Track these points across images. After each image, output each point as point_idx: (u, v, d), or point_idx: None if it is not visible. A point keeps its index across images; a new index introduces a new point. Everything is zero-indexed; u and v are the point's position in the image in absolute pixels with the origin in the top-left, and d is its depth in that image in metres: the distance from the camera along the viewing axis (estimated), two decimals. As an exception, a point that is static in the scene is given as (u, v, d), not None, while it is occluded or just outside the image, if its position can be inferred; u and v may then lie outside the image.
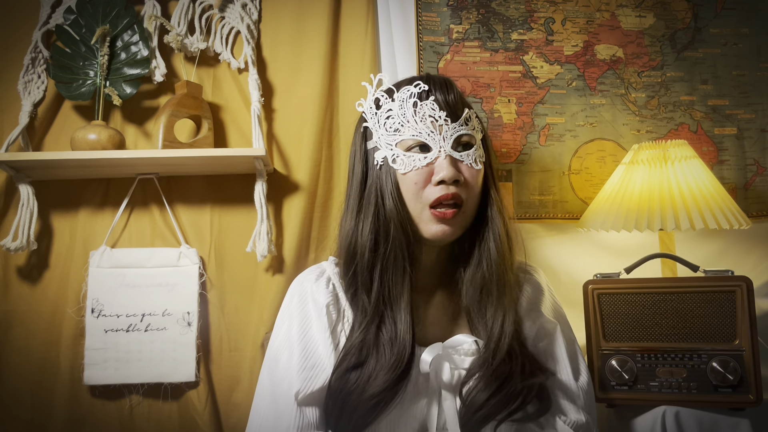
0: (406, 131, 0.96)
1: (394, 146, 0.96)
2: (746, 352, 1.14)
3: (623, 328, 1.20)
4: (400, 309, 0.93)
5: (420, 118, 0.96)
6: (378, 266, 0.95)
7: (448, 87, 0.99)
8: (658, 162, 1.31)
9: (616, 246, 1.46)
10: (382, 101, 0.99)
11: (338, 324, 0.97)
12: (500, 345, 0.92)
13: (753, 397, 1.12)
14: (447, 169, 0.93)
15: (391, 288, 0.94)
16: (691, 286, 1.18)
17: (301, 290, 1.02)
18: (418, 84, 0.97)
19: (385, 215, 0.95)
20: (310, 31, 1.47)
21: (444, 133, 0.96)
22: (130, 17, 1.40)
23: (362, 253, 0.96)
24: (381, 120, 0.99)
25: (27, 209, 1.33)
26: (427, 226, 0.95)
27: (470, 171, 0.96)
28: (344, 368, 0.91)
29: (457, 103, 0.98)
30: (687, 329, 1.17)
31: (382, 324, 0.93)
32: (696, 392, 1.15)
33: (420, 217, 0.95)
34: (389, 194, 0.96)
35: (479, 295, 0.97)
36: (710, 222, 1.24)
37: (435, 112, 0.96)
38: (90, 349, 1.32)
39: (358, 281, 0.96)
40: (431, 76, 1.01)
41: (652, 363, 1.18)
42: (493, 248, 0.97)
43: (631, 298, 1.20)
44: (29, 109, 1.37)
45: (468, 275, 0.99)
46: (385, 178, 0.97)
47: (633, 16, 1.55)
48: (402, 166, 0.95)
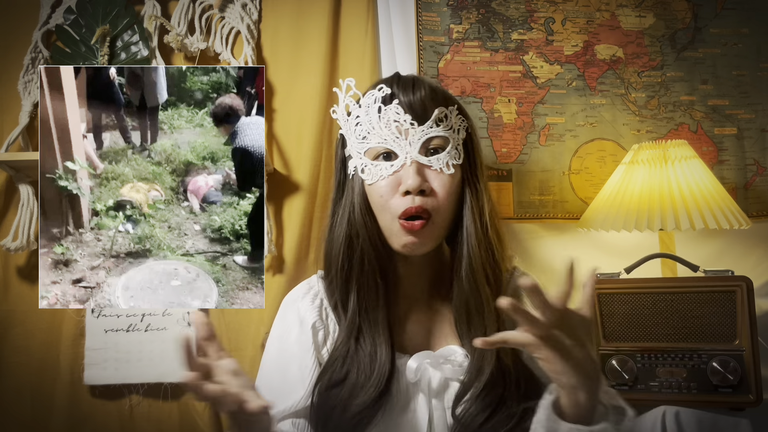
0: (372, 138, 0.92)
1: (362, 155, 0.93)
2: (746, 352, 1.14)
3: (623, 328, 1.20)
4: (377, 323, 0.91)
5: (385, 123, 0.91)
6: (353, 279, 0.93)
7: (413, 87, 0.93)
8: (658, 162, 1.31)
9: (616, 246, 1.46)
10: (352, 107, 0.96)
11: (326, 341, 0.96)
12: (484, 363, 0.88)
13: (753, 397, 1.12)
14: (412, 178, 0.88)
15: (366, 302, 0.92)
16: (691, 286, 1.18)
17: (286, 310, 1.01)
18: (381, 87, 0.92)
19: (356, 227, 0.92)
20: (310, 31, 1.47)
21: (410, 138, 0.91)
22: (130, 17, 1.40)
23: (336, 266, 0.93)
24: (351, 127, 0.95)
25: (27, 209, 1.33)
26: (398, 238, 0.91)
27: (440, 177, 0.91)
28: (326, 383, 0.90)
29: (425, 104, 0.92)
30: (687, 329, 1.17)
31: (361, 338, 0.91)
32: (696, 392, 1.15)
33: (390, 229, 0.91)
34: (358, 206, 0.93)
35: (464, 306, 0.93)
36: (710, 222, 1.24)
37: (399, 115, 0.91)
38: (90, 349, 1.32)
39: (336, 294, 0.95)
40: (398, 78, 0.96)
41: (652, 363, 1.18)
42: (467, 257, 0.92)
43: (631, 298, 1.20)
44: (29, 109, 1.37)
45: (455, 285, 0.94)
46: (356, 189, 0.94)
47: (633, 16, 1.55)
48: (369, 176, 0.92)
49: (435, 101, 0.93)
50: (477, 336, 0.84)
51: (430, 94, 0.93)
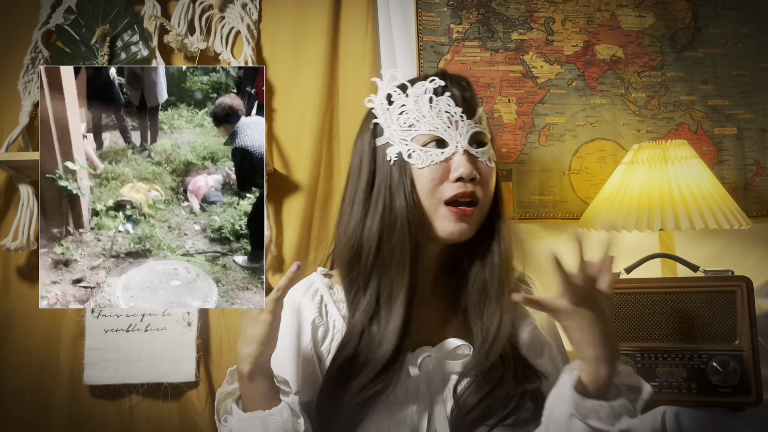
0: (421, 126, 0.94)
1: (409, 141, 0.95)
2: (746, 352, 1.14)
3: (623, 328, 1.20)
4: (397, 309, 0.92)
5: (436, 113, 0.94)
6: (379, 265, 0.94)
7: (464, 84, 0.98)
8: (658, 162, 1.31)
9: (615, 246, 1.45)
10: (395, 96, 0.98)
11: (326, 338, 0.96)
12: (494, 346, 0.91)
13: (753, 397, 1.12)
14: (465, 166, 0.91)
15: (391, 287, 0.93)
16: (691, 286, 1.18)
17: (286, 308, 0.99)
18: (434, 80, 0.96)
19: (393, 213, 0.93)
20: (310, 31, 1.47)
21: (460, 129, 0.94)
22: (130, 17, 1.40)
23: (367, 251, 0.94)
24: (394, 116, 0.97)
25: (27, 209, 1.33)
26: (444, 223, 0.93)
27: (486, 169, 0.95)
28: (338, 366, 0.90)
29: (473, 101, 0.97)
30: (687, 329, 1.17)
31: (375, 322, 0.92)
32: (696, 392, 1.15)
33: (435, 214, 0.93)
34: (403, 190, 0.93)
35: (479, 296, 0.96)
36: (710, 222, 1.24)
37: (451, 107, 0.94)
38: (90, 349, 1.33)
39: (360, 280, 0.95)
40: (447, 73, 1.00)
41: (652, 363, 1.18)
42: (499, 250, 0.96)
43: (631, 298, 1.20)
44: (29, 109, 1.37)
45: (471, 276, 0.97)
46: (399, 174, 0.94)
47: (633, 16, 1.55)
48: (419, 161, 0.93)
49: (477, 102, 0.99)
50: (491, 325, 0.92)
51: (475, 95, 0.99)
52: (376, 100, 1.00)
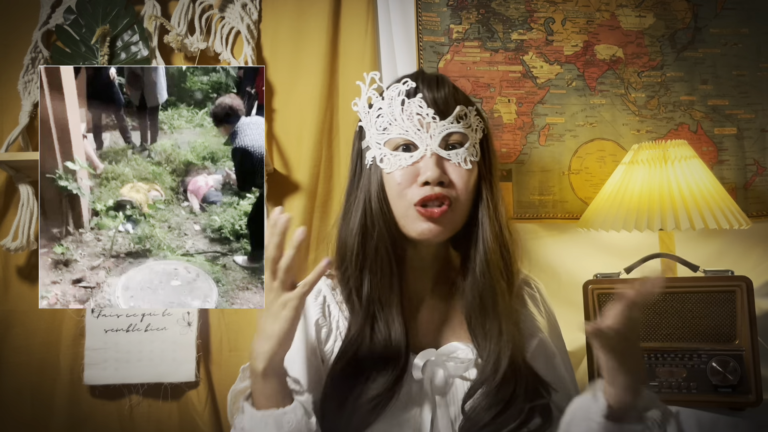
0: (393, 129, 0.94)
1: (382, 145, 0.95)
2: (746, 352, 1.14)
3: (623, 328, 1.20)
4: (391, 312, 0.92)
5: (407, 116, 0.93)
6: (367, 267, 0.94)
7: (438, 84, 0.96)
8: (658, 162, 1.31)
9: (616, 246, 1.46)
10: (374, 100, 0.98)
11: (329, 338, 0.96)
12: (500, 360, 0.90)
13: (753, 397, 1.12)
14: (432, 170, 0.90)
15: (380, 290, 0.93)
16: (691, 286, 1.18)
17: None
18: (407, 81, 0.95)
19: (371, 216, 0.94)
20: (310, 31, 1.47)
21: (431, 131, 0.93)
22: (130, 17, 1.40)
23: (351, 253, 0.95)
24: (372, 119, 0.97)
25: (27, 209, 1.33)
26: (414, 224, 0.92)
27: (458, 171, 0.93)
28: (340, 369, 0.90)
29: (448, 101, 0.95)
30: (687, 329, 1.17)
31: (376, 326, 0.92)
32: (696, 392, 1.15)
33: (406, 215, 0.93)
34: (375, 194, 0.94)
35: (478, 303, 0.94)
36: (710, 222, 1.24)
37: (422, 109, 0.93)
38: (90, 349, 1.33)
39: (350, 283, 0.96)
40: (423, 74, 0.99)
41: (652, 363, 1.18)
42: (482, 253, 0.94)
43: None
44: (29, 109, 1.37)
45: (467, 281, 0.96)
46: (372, 178, 0.95)
47: (633, 16, 1.55)
48: (388, 166, 0.94)
49: (456, 100, 0.96)
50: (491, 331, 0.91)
51: (453, 93, 0.96)
52: (359, 104, 1.00)
